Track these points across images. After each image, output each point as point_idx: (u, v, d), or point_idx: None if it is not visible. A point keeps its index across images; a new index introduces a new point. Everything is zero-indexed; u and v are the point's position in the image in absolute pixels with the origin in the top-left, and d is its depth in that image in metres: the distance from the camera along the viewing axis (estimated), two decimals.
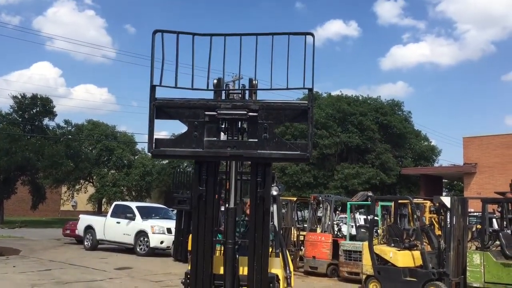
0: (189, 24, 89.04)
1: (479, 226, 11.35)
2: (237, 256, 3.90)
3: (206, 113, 3.57)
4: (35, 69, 73.88)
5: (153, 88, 3.63)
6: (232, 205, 3.91)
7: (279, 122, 3.64)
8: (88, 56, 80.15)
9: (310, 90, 3.62)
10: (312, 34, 3.63)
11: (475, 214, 15.18)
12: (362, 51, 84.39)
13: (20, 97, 34.83)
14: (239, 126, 3.65)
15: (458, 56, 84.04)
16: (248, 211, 4.47)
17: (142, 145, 46.05)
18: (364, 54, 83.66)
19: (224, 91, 3.97)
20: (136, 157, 42.62)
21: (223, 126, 3.62)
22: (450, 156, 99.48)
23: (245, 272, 3.76)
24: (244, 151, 3.55)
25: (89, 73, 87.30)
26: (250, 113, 3.55)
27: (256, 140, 3.53)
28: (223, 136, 3.66)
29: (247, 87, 4.09)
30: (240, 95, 4.05)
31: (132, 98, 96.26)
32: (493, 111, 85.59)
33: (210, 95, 3.92)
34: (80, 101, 69.43)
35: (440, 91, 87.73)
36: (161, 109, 3.64)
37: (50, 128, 36.83)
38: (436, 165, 37.76)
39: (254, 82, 3.97)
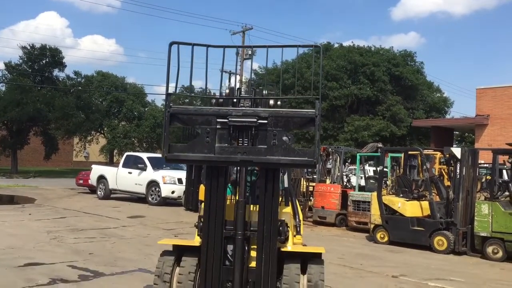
0: None
1: (489, 177, 11.36)
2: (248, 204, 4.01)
3: (218, 120, 3.71)
4: (42, 19, 73.13)
5: (168, 96, 3.82)
6: (242, 197, 3.99)
7: (287, 129, 3.78)
8: (94, 6, 79.00)
9: (317, 99, 3.75)
10: (319, 47, 3.88)
11: (485, 165, 15.18)
12: (372, 0, 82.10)
13: (29, 47, 34.69)
14: (249, 133, 3.75)
15: (472, 5, 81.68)
16: None
17: (152, 96, 46.00)
18: (374, 3, 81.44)
19: (236, 100, 4.11)
20: (146, 109, 42.65)
21: (234, 133, 3.75)
22: (463, 107, 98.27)
23: (255, 219, 3.86)
24: (254, 157, 3.68)
25: (96, 23, 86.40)
26: (260, 121, 3.68)
27: (265, 146, 3.67)
28: (233, 143, 3.79)
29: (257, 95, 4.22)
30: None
31: (140, 48, 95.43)
32: (508, 61, 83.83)
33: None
34: (88, 52, 69.00)
35: (454, 42, 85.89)
36: (175, 116, 3.79)
37: (60, 79, 36.80)
38: (448, 117, 37.44)
39: (264, 92, 4.16)
